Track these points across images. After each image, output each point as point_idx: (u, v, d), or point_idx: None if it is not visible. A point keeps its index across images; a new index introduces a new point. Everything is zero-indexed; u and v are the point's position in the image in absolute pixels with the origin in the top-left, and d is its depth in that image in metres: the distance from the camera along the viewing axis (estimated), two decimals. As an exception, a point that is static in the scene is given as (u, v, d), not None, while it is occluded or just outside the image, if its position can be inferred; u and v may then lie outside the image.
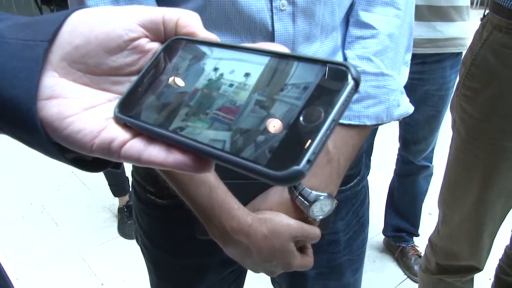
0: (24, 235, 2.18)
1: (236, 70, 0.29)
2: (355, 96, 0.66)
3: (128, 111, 0.31)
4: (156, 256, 0.80)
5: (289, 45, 0.60)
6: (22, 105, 0.29)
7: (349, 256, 0.83)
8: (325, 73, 0.26)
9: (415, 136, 1.82)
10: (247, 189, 0.68)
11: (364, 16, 0.66)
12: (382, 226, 2.09)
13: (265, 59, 0.29)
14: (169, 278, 0.82)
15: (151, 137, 0.29)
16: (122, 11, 0.32)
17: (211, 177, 0.62)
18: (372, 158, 2.00)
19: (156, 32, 0.32)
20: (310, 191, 0.64)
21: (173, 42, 0.32)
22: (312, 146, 0.24)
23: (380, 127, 1.82)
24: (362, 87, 0.66)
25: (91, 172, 0.36)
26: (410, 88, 1.75)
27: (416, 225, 2.03)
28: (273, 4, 0.58)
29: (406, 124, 1.81)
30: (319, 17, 0.61)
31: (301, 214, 0.66)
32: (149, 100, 0.31)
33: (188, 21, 0.32)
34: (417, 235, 2.04)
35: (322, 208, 0.65)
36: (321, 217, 0.66)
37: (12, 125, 0.31)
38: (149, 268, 0.83)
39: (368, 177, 1.98)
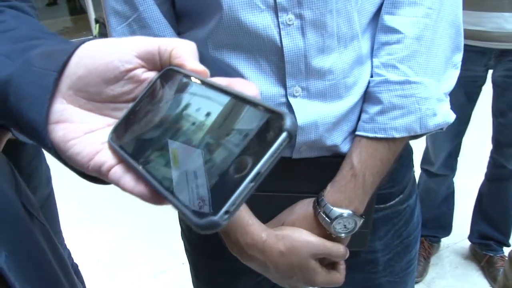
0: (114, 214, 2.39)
1: (202, 108, 0.30)
2: (378, 108, 0.63)
3: (117, 137, 0.34)
4: (194, 257, 0.84)
5: (301, 59, 0.60)
6: (36, 127, 0.35)
7: (390, 277, 0.79)
8: (266, 121, 0.25)
9: (509, 138, 1.65)
10: (274, 202, 0.69)
11: (389, 19, 0.63)
12: (468, 231, 1.95)
13: (226, 99, 0.28)
14: (205, 279, 0.86)
15: (128, 165, 0.32)
16: (121, 43, 0.35)
17: None
18: (461, 158, 1.86)
19: (152, 62, 0.35)
20: (332, 207, 0.63)
21: (166, 71, 0.34)
22: (231, 198, 0.24)
23: (472, 125, 1.69)
24: (386, 97, 0.62)
25: (98, 184, 0.40)
26: (503, 87, 1.61)
27: (507, 234, 1.85)
28: (280, 20, 0.58)
29: (500, 125, 1.66)
30: (332, 28, 0.59)
31: (325, 230, 0.65)
32: (133, 129, 0.34)
33: (181, 52, 0.34)
34: (508, 245, 1.87)
35: (345, 225, 0.64)
36: (343, 235, 0.65)
37: (36, 142, 0.37)
38: (190, 267, 0.88)
39: (456, 179, 1.87)
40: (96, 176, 0.34)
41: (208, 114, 0.29)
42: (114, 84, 0.35)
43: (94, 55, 0.35)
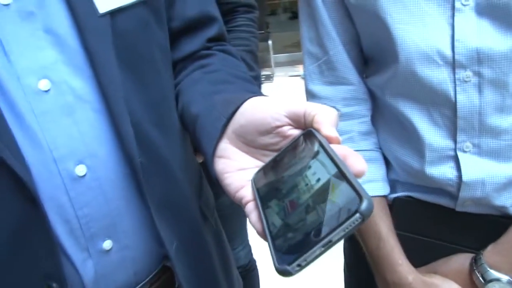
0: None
1: (317, 173, 0.35)
2: None
3: (257, 179, 0.42)
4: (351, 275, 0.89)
5: (474, 116, 0.60)
6: (208, 158, 0.47)
7: None
8: (351, 199, 0.29)
9: None
10: (431, 248, 0.70)
11: None
12: None
13: (333, 171, 0.33)
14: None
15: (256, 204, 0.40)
16: (276, 103, 0.43)
17: (383, 228, 0.67)
18: None
19: (298, 122, 0.42)
20: (489, 269, 0.62)
21: (307, 132, 0.41)
22: (304, 255, 0.29)
23: None
24: None
25: None
26: None
27: None
28: (456, 76, 0.58)
29: None
30: None
31: (478, 289, 0.64)
32: (268, 175, 0.42)
33: (321, 118, 0.40)
34: None
35: (501, 290, 0.62)
36: (498, 298, 0.62)
37: (207, 165, 0.48)
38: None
39: None
40: (238, 203, 0.43)
41: (318, 180, 0.34)
42: (266, 136, 0.43)
43: (253, 110, 0.44)
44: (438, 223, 0.69)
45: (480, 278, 0.62)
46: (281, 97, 0.44)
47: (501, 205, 0.63)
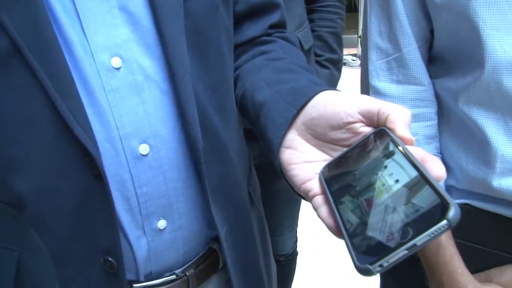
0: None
1: (394, 174, 0.34)
2: None
3: (326, 173, 0.42)
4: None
5: None
6: (273, 146, 0.46)
7: None
8: (436, 205, 0.29)
9: None
10: (487, 257, 0.67)
11: None
12: None
13: (414, 173, 0.32)
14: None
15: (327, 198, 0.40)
16: (350, 99, 0.42)
17: (443, 235, 0.65)
18: None
19: (370, 120, 0.41)
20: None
21: (380, 131, 0.40)
22: (387, 256, 0.29)
23: None
24: None
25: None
26: None
27: None
28: None
29: None
30: None
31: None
32: (339, 170, 0.41)
33: (396, 118, 0.38)
34: None
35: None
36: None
37: (269, 155, 0.48)
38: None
39: None
40: (303, 196, 0.43)
41: (397, 181, 0.33)
42: (337, 131, 0.42)
43: (326, 104, 0.43)
44: (496, 232, 0.66)
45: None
46: (351, 91, 0.43)
47: None
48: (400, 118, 0.38)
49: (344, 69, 1.61)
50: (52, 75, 0.43)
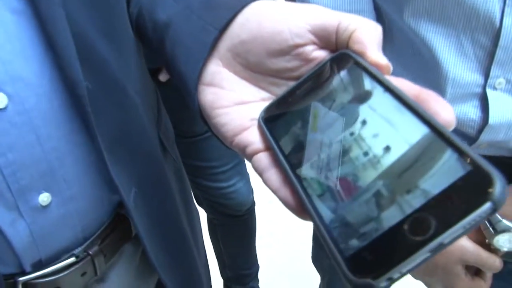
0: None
1: (380, 135, 0.23)
2: None
3: (269, 119, 0.30)
4: None
5: None
6: (188, 83, 0.33)
7: None
8: (466, 177, 0.18)
9: None
10: None
11: None
12: None
13: (418, 131, 0.21)
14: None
15: (276, 158, 0.28)
16: (296, 11, 0.30)
17: None
18: None
19: (326, 40, 0.29)
20: (501, 219, 0.55)
21: (341, 55, 0.28)
22: (399, 264, 0.18)
23: None
24: None
25: None
26: None
27: None
28: None
29: None
30: None
31: (483, 238, 0.57)
32: (289, 116, 0.29)
33: (364, 36, 0.27)
34: None
35: (511, 240, 0.55)
36: (506, 249, 0.56)
37: (184, 95, 0.35)
38: None
39: None
40: (237, 152, 0.31)
41: (387, 149, 0.22)
42: (278, 58, 0.30)
43: (261, 20, 0.30)
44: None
45: (490, 229, 0.55)
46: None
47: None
48: (370, 36, 0.27)
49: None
50: None
